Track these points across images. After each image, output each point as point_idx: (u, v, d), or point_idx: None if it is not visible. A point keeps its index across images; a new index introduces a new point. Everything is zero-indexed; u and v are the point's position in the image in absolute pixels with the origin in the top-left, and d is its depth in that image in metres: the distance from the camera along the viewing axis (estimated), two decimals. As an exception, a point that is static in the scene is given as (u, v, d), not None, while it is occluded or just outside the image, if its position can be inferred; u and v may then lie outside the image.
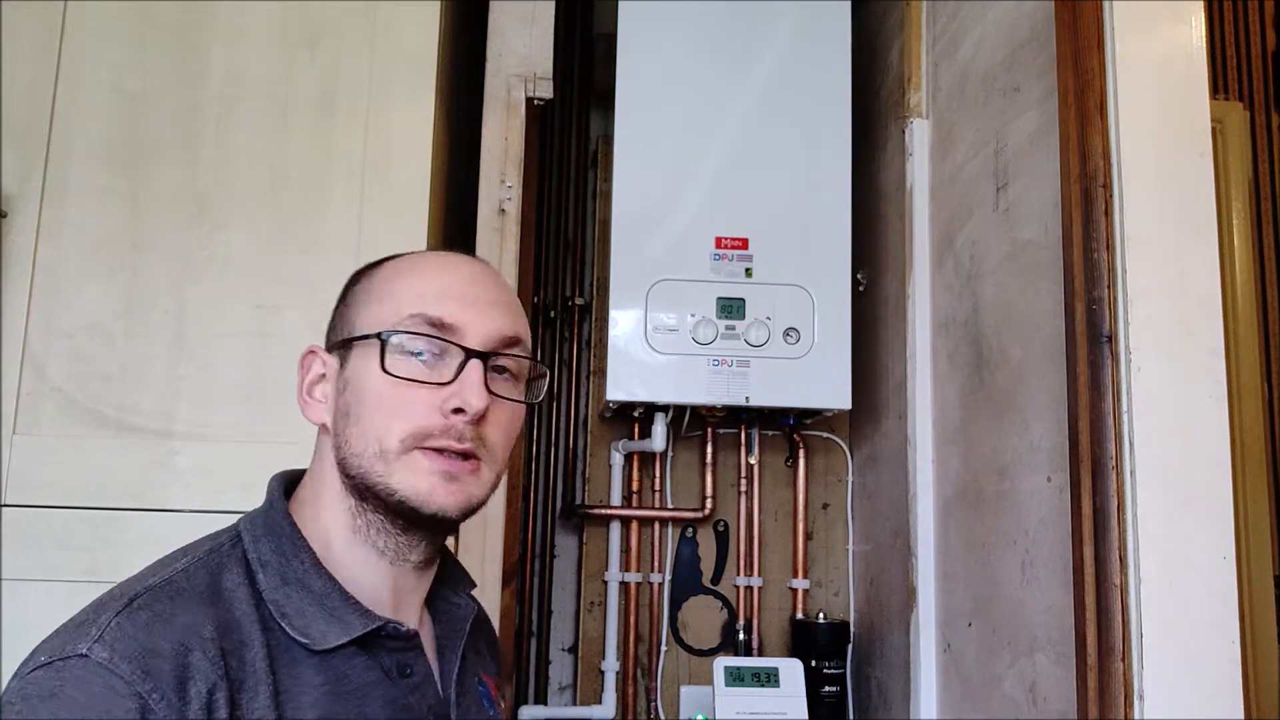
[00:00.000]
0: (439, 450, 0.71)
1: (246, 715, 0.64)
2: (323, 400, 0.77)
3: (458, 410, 0.71)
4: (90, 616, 0.63)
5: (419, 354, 0.73)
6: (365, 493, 0.72)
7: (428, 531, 0.75)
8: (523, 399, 0.78)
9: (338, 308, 0.79)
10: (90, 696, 0.58)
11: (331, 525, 0.75)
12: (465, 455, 0.72)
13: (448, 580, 0.84)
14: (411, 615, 0.78)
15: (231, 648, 0.65)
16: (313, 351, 0.79)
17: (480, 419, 0.72)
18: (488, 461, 0.74)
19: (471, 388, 0.71)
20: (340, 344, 0.76)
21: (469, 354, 0.72)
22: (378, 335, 0.73)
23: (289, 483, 0.79)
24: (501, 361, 0.76)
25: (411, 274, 0.77)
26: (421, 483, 0.71)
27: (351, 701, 0.69)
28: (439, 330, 0.73)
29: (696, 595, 1.86)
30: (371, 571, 0.75)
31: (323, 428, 0.77)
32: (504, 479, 1.42)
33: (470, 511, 0.74)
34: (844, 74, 1.71)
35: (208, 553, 0.72)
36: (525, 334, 0.78)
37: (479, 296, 0.76)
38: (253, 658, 0.66)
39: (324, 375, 0.77)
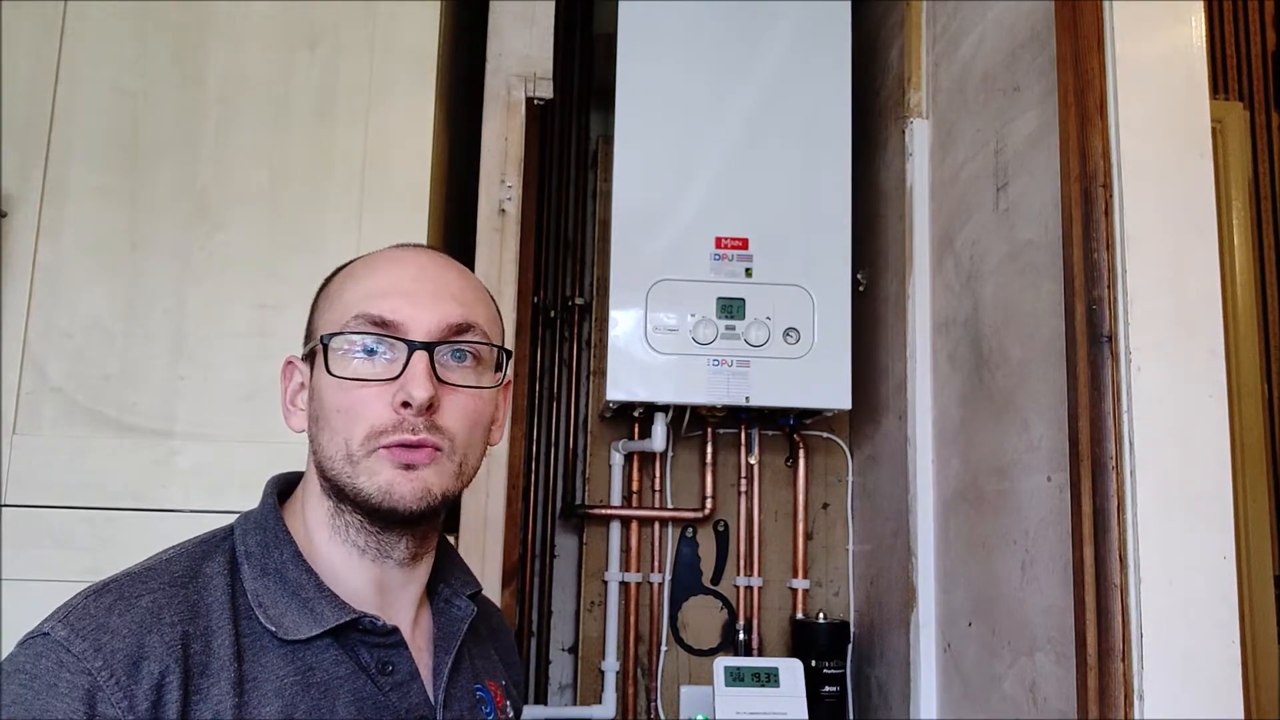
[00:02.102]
0: (397, 446, 0.72)
1: (204, 700, 0.65)
2: (303, 408, 0.78)
3: (406, 404, 0.71)
4: (67, 601, 0.67)
5: (369, 353, 0.73)
6: (340, 494, 0.73)
7: (401, 528, 0.75)
8: (485, 384, 0.77)
9: (309, 316, 0.81)
10: (42, 670, 0.62)
11: (315, 524, 0.76)
12: (421, 445, 0.72)
13: (446, 579, 0.84)
14: (403, 612, 0.78)
15: (197, 632, 0.66)
16: (291, 361, 0.80)
17: (432, 409, 0.72)
18: (447, 451, 0.73)
19: (415, 380, 0.71)
20: (308, 353, 0.78)
21: (412, 347, 0.72)
22: (320, 339, 0.74)
23: (285, 485, 0.80)
24: (461, 348, 0.75)
25: (361, 275, 0.77)
26: (382, 478, 0.71)
27: (316, 694, 0.69)
28: (382, 328, 0.73)
29: (696, 595, 1.86)
30: (354, 569, 0.75)
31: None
32: (505, 478, 1.43)
33: (432, 503, 0.73)
34: (844, 74, 1.71)
35: (197, 544, 0.74)
36: (481, 319, 0.77)
37: (423, 289, 0.75)
38: (219, 644, 0.67)
39: (303, 384, 0.78)
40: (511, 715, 0.87)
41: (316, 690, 0.69)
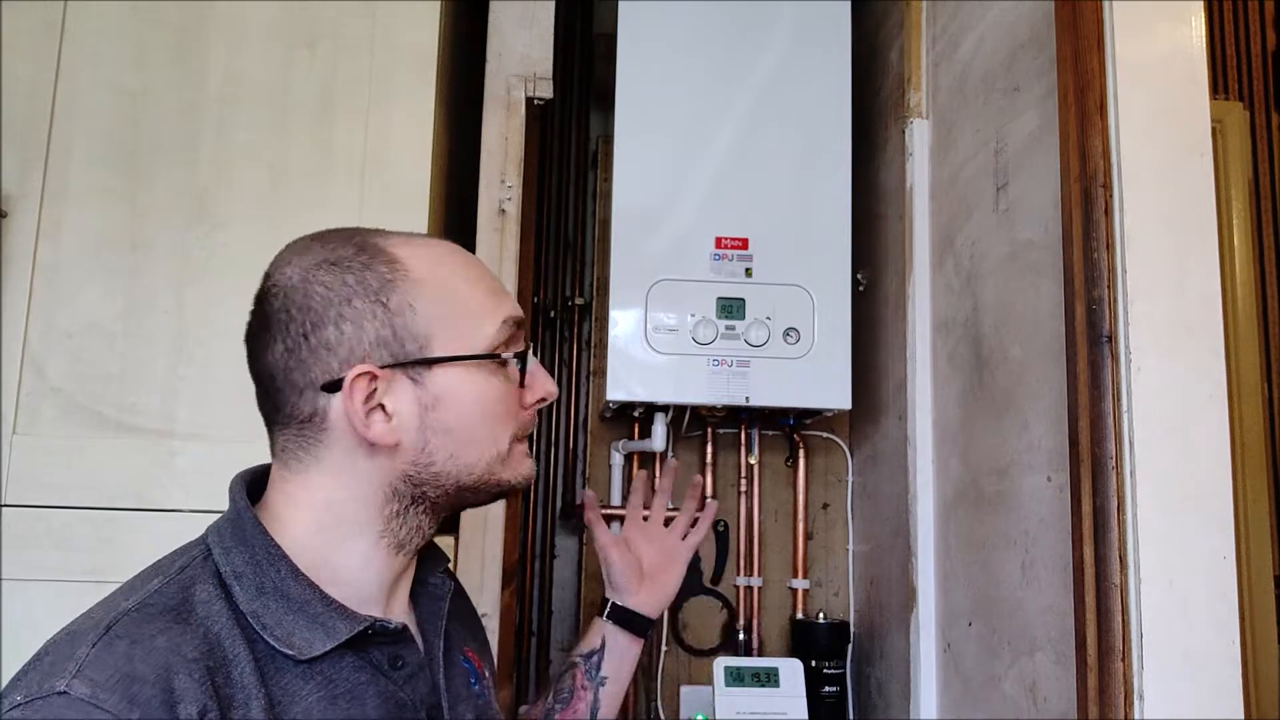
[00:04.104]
0: (525, 438, 0.79)
1: None
2: (389, 419, 0.70)
3: (539, 400, 0.78)
4: (66, 650, 0.60)
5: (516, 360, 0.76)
6: (450, 495, 0.74)
7: (485, 505, 0.80)
8: None
9: (376, 315, 0.71)
10: None
11: (347, 528, 0.73)
12: None
13: (423, 560, 0.83)
14: (400, 602, 0.78)
15: (217, 665, 0.63)
16: (369, 373, 0.69)
17: None
18: None
19: (548, 378, 0.78)
20: (416, 362, 0.71)
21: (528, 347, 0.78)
22: (494, 356, 0.74)
23: (252, 481, 0.77)
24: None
25: (454, 266, 0.75)
26: (522, 467, 0.78)
27: (343, 704, 0.68)
28: (521, 328, 0.77)
29: (696, 595, 1.86)
30: (375, 567, 0.74)
31: (369, 446, 0.71)
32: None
33: None
34: (844, 74, 1.71)
35: (179, 570, 0.69)
36: None
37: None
38: (240, 674, 0.64)
39: (374, 392, 0.70)
40: (487, 677, 0.86)
41: (344, 700, 0.68)
